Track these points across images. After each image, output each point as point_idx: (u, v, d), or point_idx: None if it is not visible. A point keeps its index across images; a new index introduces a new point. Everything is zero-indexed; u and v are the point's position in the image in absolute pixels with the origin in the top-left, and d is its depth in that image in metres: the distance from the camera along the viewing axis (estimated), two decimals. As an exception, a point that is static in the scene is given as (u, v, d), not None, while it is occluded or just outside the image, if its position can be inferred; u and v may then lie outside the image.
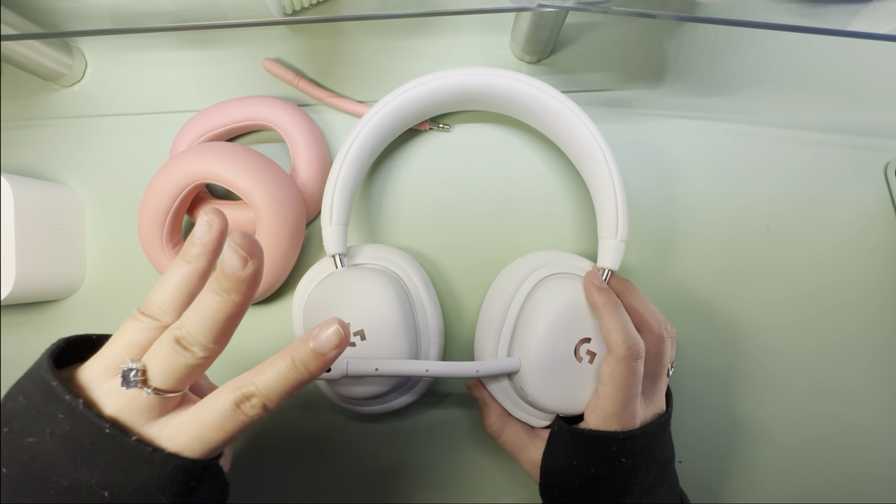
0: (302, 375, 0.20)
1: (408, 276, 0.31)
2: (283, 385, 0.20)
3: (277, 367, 0.20)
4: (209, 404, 0.19)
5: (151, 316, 0.21)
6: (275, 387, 0.19)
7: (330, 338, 0.20)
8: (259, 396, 0.19)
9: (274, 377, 0.20)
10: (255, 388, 0.19)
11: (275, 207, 0.30)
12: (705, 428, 0.34)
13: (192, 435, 0.19)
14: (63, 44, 0.36)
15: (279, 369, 0.20)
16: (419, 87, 0.30)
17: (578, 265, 0.30)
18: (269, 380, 0.19)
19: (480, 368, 0.27)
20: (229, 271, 0.20)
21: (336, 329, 0.20)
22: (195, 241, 0.22)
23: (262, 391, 0.19)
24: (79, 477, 0.18)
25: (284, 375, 0.20)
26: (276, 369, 0.20)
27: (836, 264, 0.35)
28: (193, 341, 0.19)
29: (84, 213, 0.37)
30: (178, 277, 0.22)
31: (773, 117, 0.35)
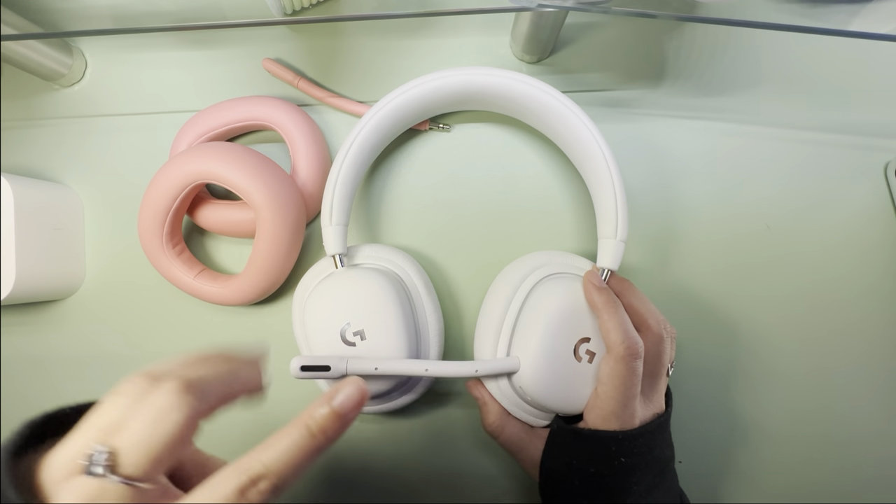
0: (319, 443, 0.17)
1: (408, 276, 0.31)
2: (297, 458, 0.17)
3: (290, 438, 0.17)
4: (211, 491, 0.16)
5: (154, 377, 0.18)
6: (287, 462, 0.17)
7: (351, 395, 0.18)
8: (268, 478, 0.16)
9: (285, 451, 0.17)
10: (264, 467, 0.16)
11: (275, 207, 0.30)
12: (705, 427, 0.34)
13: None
14: (63, 44, 0.36)
15: (292, 440, 0.17)
16: (419, 86, 0.30)
17: (578, 265, 0.30)
18: (280, 454, 0.17)
19: (479, 368, 0.27)
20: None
21: (358, 385, 0.19)
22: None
23: (272, 470, 0.16)
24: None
25: (298, 446, 0.17)
26: (288, 441, 0.17)
27: (836, 264, 0.35)
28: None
29: (84, 213, 0.37)
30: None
31: (773, 117, 0.35)
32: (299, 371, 0.27)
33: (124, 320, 0.36)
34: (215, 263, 0.36)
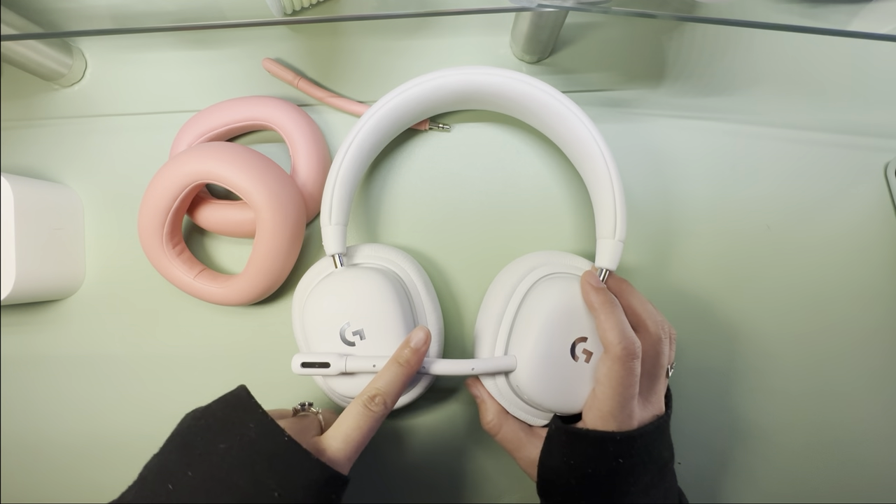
0: (407, 370, 0.26)
1: (407, 275, 0.31)
2: (396, 381, 0.26)
3: (390, 370, 0.26)
4: (347, 412, 0.25)
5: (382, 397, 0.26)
6: (391, 383, 0.25)
7: (420, 337, 0.27)
8: (381, 395, 0.25)
9: (388, 377, 0.26)
10: (377, 389, 0.25)
11: (275, 207, 0.30)
12: (704, 427, 0.34)
13: (340, 438, 0.24)
14: (63, 44, 0.36)
15: (391, 370, 0.26)
16: (418, 86, 0.30)
17: (576, 265, 0.30)
18: (385, 380, 0.25)
19: (476, 366, 0.27)
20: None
21: (425, 331, 0.27)
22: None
23: (382, 390, 0.25)
24: (258, 478, 0.21)
25: (395, 373, 0.26)
26: (389, 371, 0.26)
27: (836, 264, 0.35)
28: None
29: (84, 213, 0.37)
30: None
31: (773, 117, 0.35)
32: (300, 367, 0.27)
33: (124, 320, 0.36)
34: (215, 263, 0.36)
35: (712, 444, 0.34)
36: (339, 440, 0.24)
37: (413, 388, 0.30)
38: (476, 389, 0.30)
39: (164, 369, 0.36)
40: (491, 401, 0.30)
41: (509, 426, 0.29)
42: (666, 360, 0.27)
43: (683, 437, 0.34)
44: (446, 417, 0.34)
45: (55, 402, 0.36)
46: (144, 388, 0.36)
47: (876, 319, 0.34)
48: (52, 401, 0.36)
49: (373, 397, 0.25)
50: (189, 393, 0.35)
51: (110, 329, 0.36)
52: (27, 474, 0.36)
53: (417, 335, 0.27)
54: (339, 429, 0.24)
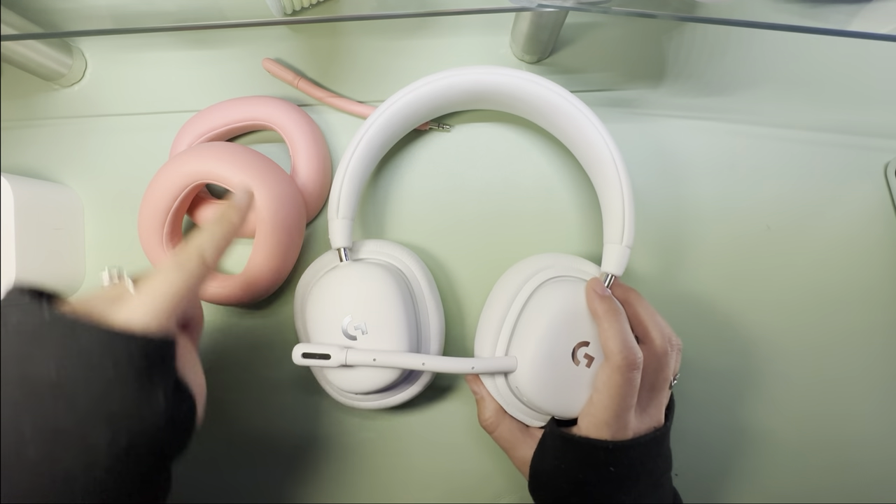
0: (228, 228, 0.24)
1: (411, 272, 0.31)
2: (216, 235, 0.24)
3: (207, 227, 0.24)
4: (157, 274, 0.22)
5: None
6: (211, 237, 0.24)
7: (242, 196, 0.26)
8: (197, 248, 0.23)
9: (205, 233, 0.24)
10: (192, 245, 0.23)
11: (275, 207, 0.30)
12: (706, 428, 0.34)
13: (142, 297, 0.21)
14: (63, 44, 0.36)
15: (209, 227, 0.24)
16: (429, 84, 0.30)
17: (582, 268, 0.30)
18: (201, 235, 0.23)
19: (476, 365, 0.27)
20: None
21: (248, 190, 0.26)
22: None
23: (196, 243, 0.23)
24: (30, 361, 0.18)
25: (212, 230, 0.24)
26: (207, 228, 0.24)
27: (837, 264, 0.35)
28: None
29: (84, 213, 0.37)
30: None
31: (773, 117, 0.35)
32: (301, 357, 0.27)
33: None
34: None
35: (713, 444, 0.34)
36: (140, 299, 0.21)
37: (412, 385, 0.31)
38: (475, 386, 0.30)
39: (164, 369, 0.36)
40: (489, 398, 0.30)
41: (506, 425, 0.29)
42: (670, 373, 0.27)
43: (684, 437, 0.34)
44: (445, 416, 0.34)
45: (55, 402, 0.36)
46: (144, 388, 0.36)
47: (876, 319, 0.34)
48: (52, 401, 0.36)
49: (186, 251, 0.23)
50: (189, 393, 0.35)
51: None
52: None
53: (241, 196, 0.26)
54: (144, 295, 0.21)
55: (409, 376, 0.30)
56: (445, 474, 0.34)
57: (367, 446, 0.34)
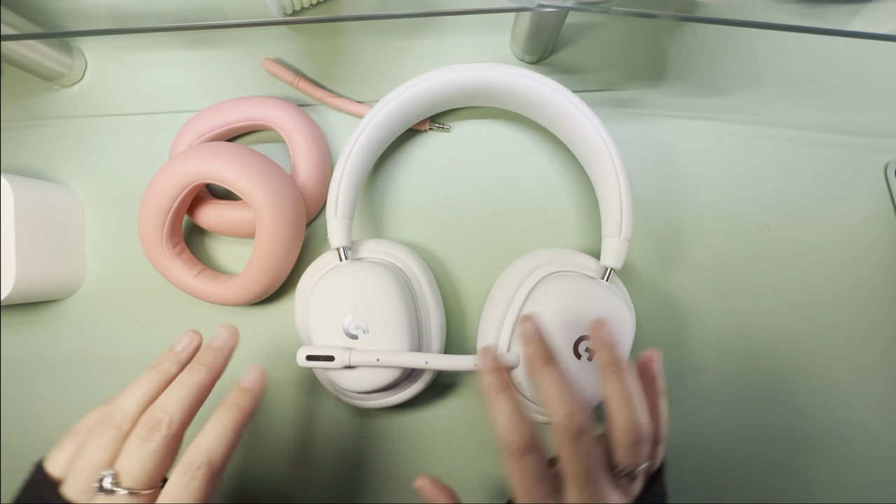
0: (239, 417, 0.22)
1: (411, 271, 0.31)
2: (225, 435, 0.22)
3: (216, 419, 0.22)
4: (168, 486, 0.21)
5: (115, 426, 0.22)
6: (217, 439, 0.21)
7: (253, 376, 0.24)
8: (204, 459, 0.21)
9: (213, 430, 0.22)
10: (198, 449, 0.21)
11: (275, 207, 0.30)
12: (703, 427, 0.34)
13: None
14: (63, 44, 0.36)
15: (218, 420, 0.22)
16: (427, 81, 0.30)
17: (582, 263, 0.30)
18: (208, 434, 0.22)
19: (479, 362, 0.27)
20: (214, 345, 0.24)
21: (259, 369, 0.24)
22: (173, 353, 0.25)
23: (204, 451, 0.21)
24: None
25: (222, 422, 0.22)
26: (215, 421, 0.22)
27: (836, 264, 0.35)
28: (164, 414, 0.22)
29: (84, 213, 0.37)
30: (147, 386, 0.23)
31: (773, 117, 0.35)
32: (305, 360, 0.27)
33: (124, 320, 0.36)
34: (215, 263, 0.36)
35: (712, 444, 0.34)
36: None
37: (414, 384, 0.31)
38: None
39: (164, 369, 0.36)
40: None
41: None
42: (590, 462, 0.21)
43: (683, 437, 0.34)
44: (446, 415, 0.34)
45: (56, 401, 0.36)
46: (144, 388, 0.36)
47: (876, 319, 0.34)
48: (53, 401, 0.36)
49: (193, 462, 0.21)
50: (189, 393, 0.35)
51: (110, 329, 0.36)
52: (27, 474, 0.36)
53: (250, 373, 0.24)
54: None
55: (411, 375, 0.30)
56: (445, 474, 0.34)
57: (368, 446, 0.34)
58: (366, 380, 0.28)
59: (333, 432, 0.35)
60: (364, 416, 0.35)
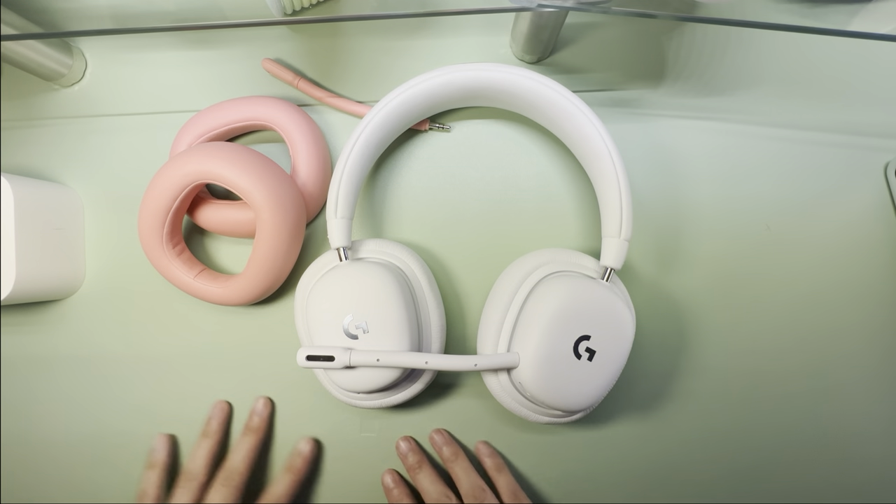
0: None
1: (411, 271, 0.31)
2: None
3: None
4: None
5: (194, 478, 0.32)
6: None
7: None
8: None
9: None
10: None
11: (275, 207, 0.30)
12: (704, 427, 0.34)
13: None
14: (63, 44, 0.36)
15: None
16: (428, 81, 0.30)
17: (582, 263, 0.30)
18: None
19: (479, 362, 0.27)
20: (256, 415, 0.34)
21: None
22: (211, 426, 0.34)
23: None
24: None
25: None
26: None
27: (836, 264, 0.35)
28: (234, 470, 0.32)
29: (84, 213, 0.37)
30: (205, 449, 0.33)
31: (773, 117, 0.35)
32: (305, 360, 0.27)
33: (124, 320, 0.36)
34: (215, 263, 0.36)
35: (712, 444, 0.34)
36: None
37: (414, 384, 0.31)
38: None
39: (164, 369, 0.36)
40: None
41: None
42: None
43: (683, 437, 0.34)
44: (446, 415, 0.34)
45: (55, 402, 0.36)
46: (144, 388, 0.36)
47: (876, 319, 0.34)
48: (52, 401, 0.36)
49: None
50: (189, 393, 0.35)
51: (110, 329, 0.36)
52: (27, 474, 0.36)
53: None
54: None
55: (411, 375, 0.30)
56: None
57: (368, 446, 0.34)
58: (366, 380, 0.28)
59: (332, 433, 0.35)
60: (363, 416, 0.35)
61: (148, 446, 0.35)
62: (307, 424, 0.35)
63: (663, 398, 0.34)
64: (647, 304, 0.34)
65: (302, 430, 0.35)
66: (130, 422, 0.36)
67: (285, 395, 0.35)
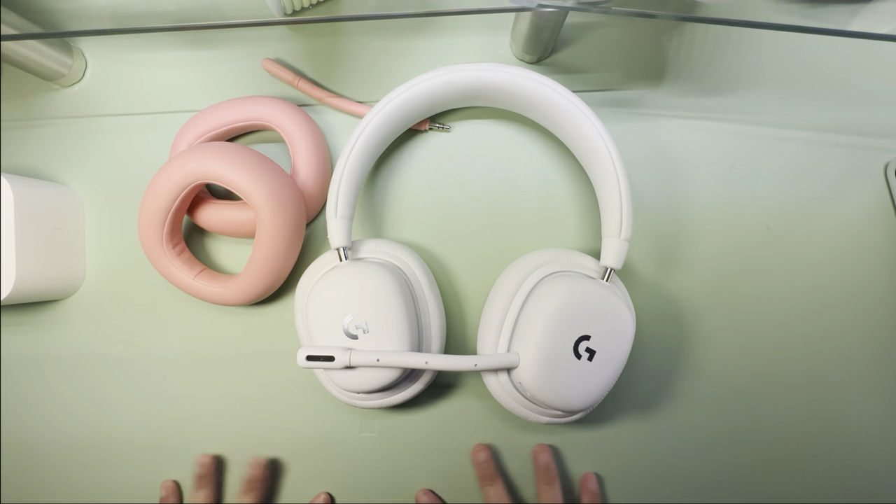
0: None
1: (411, 271, 0.31)
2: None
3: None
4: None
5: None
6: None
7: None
8: None
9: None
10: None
11: (275, 207, 0.30)
12: (704, 427, 0.34)
13: None
14: (63, 44, 0.36)
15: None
16: (428, 81, 0.30)
17: (582, 263, 0.30)
18: None
19: (479, 362, 0.27)
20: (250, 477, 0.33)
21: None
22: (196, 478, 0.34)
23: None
24: None
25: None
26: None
27: (836, 264, 0.35)
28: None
29: (84, 213, 0.37)
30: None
31: (773, 117, 0.35)
32: (305, 360, 0.27)
33: (124, 320, 0.36)
34: (215, 263, 0.36)
35: (711, 444, 0.34)
36: None
37: (413, 384, 0.31)
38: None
39: (165, 369, 0.36)
40: None
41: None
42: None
43: (683, 437, 0.34)
44: (446, 415, 0.34)
45: (55, 402, 0.36)
46: (144, 388, 0.36)
47: (876, 319, 0.34)
48: (52, 401, 0.36)
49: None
50: (189, 393, 0.35)
51: (110, 329, 0.36)
52: (27, 474, 0.36)
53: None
54: None
55: (411, 375, 0.30)
56: (445, 474, 0.34)
57: (368, 446, 0.34)
58: (366, 380, 0.28)
59: (332, 433, 0.35)
60: (363, 416, 0.35)
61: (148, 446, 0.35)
62: (307, 424, 0.35)
63: (663, 398, 0.34)
64: (647, 304, 0.34)
65: (302, 430, 0.35)
66: (130, 422, 0.36)
67: (285, 395, 0.35)
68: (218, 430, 0.35)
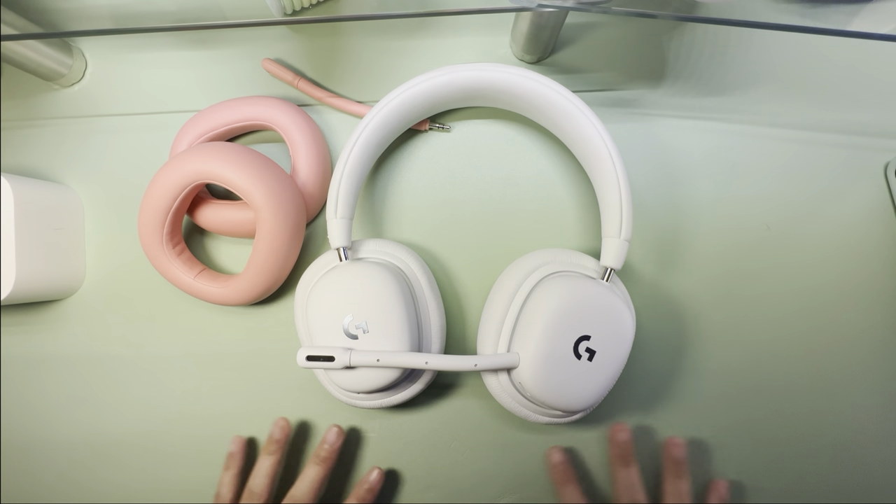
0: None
1: (411, 271, 0.31)
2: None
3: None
4: None
5: (256, 498, 0.31)
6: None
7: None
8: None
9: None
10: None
11: (275, 207, 0.30)
12: (704, 427, 0.34)
13: None
14: (63, 44, 0.36)
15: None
16: (428, 81, 0.30)
17: (582, 263, 0.30)
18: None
19: (479, 363, 0.27)
20: (327, 444, 0.32)
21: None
22: (271, 440, 0.33)
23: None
24: None
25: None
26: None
27: (836, 264, 0.35)
28: (296, 499, 0.31)
29: (84, 213, 0.37)
30: (268, 465, 0.32)
31: (773, 117, 0.35)
32: (305, 360, 0.27)
33: (124, 320, 0.36)
34: (215, 263, 0.36)
35: (711, 444, 0.34)
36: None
37: (413, 384, 0.31)
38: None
39: (165, 369, 0.36)
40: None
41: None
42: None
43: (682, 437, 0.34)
44: (445, 415, 0.34)
45: (55, 402, 0.36)
46: (144, 388, 0.36)
47: (875, 319, 0.34)
48: (52, 401, 0.36)
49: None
50: (189, 393, 0.35)
51: (110, 329, 0.36)
52: (27, 474, 0.36)
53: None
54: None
55: (411, 375, 0.30)
56: (445, 474, 0.34)
57: (367, 446, 0.34)
58: (366, 380, 0.28)
59: (333, 432, 0.35)
60: (363, 416, 0.35)
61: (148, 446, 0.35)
62: (306, 424, 0.35)
63: (663, 398, 0.34)
64: (647, 304, 0.34)
65: (301, 430, 0.35)
66: (130, 422, 0.36)
67: (285, 395, 0.35)
68: (218, 431, 0.35)
